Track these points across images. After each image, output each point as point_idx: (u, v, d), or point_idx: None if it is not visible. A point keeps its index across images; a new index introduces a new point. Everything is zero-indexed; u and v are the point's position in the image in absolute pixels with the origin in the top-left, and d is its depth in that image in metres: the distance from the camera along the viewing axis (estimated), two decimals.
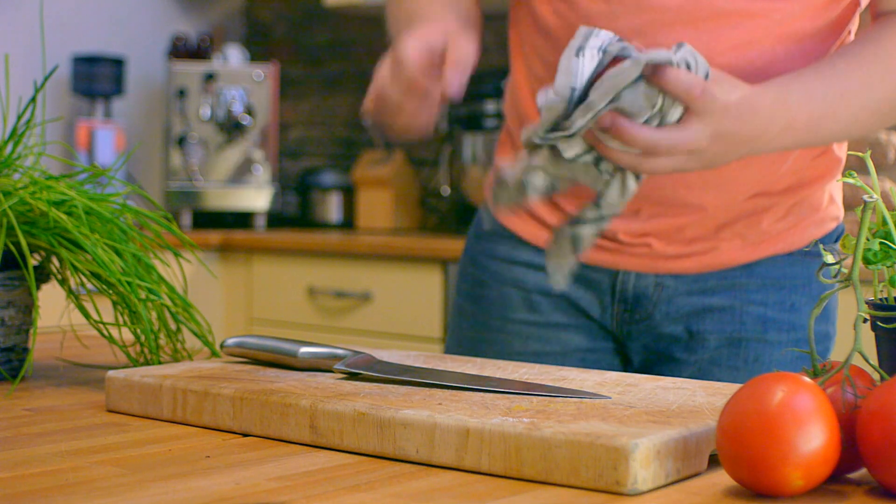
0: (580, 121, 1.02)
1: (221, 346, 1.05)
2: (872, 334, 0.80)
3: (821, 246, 0.77)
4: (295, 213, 4.00)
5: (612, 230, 1.31)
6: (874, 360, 0.77)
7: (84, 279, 1.11)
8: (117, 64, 3.68)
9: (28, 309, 1.12)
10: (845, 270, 0.76)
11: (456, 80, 1.13)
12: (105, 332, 1.10)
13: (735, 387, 0.87)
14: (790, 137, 1.16)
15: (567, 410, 0.82)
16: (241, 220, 3.74)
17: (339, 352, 0.99)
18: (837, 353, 0.81)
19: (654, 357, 1.36)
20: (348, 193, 3.78)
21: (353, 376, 0.96)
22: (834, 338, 1.39)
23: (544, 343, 1.38)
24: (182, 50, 3.80)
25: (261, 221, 3.69)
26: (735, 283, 1.33)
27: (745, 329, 1.33)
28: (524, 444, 0.75)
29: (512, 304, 1.39)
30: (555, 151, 1.05)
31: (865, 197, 0.75)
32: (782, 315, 1.34)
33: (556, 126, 1.03)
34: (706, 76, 1.06)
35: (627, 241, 1.32)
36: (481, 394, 0.88)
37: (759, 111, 1.11)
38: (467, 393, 0.89)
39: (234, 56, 3.73)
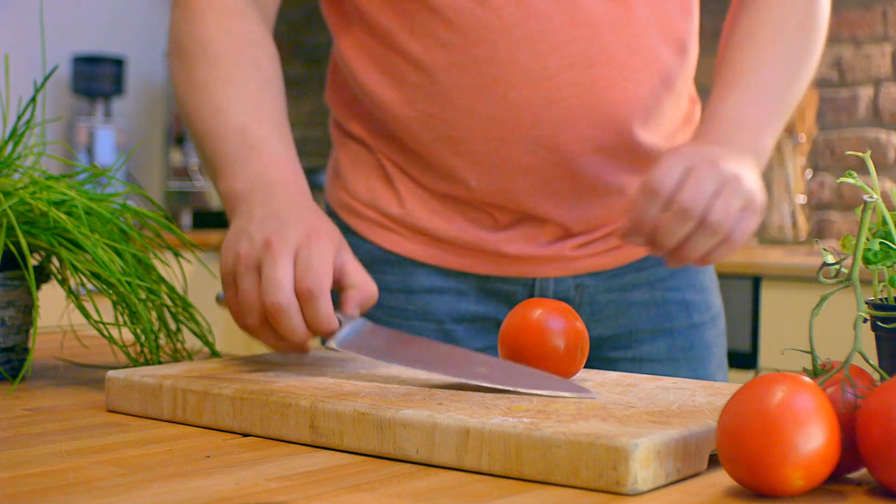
0: None
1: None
2: (872, 334, 0.80)
3: (821, 246, 0.76)
4: None
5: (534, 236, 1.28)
6: (874, 360, 0.77)
7: (84, 279, 1.11)
8: (117, 64, 3.68)
9: (28, 309, 1.12)
10: (845, 270, 0.76)
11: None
12: (105, 332, 1.10)
13: (734, 387, 0.87)
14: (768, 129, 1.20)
15: (567, 410, 0.82)
16: None
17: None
18: (837, 353, 0.81)
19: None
20: None
21: (351, 371, 0.96)
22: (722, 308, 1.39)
23: None
24: None
25: None
26: (650, 274, 1.33)
27: (672, 318, 1.33)
28: (524, 444, 0.75)
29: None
30: None
31: (865, 197, 0.75)
32: (698, 296, 1.35)
33: None
34: None
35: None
36: (481, 394, 0.88)
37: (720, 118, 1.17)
38: (467, 393, 0.89)
39: None
